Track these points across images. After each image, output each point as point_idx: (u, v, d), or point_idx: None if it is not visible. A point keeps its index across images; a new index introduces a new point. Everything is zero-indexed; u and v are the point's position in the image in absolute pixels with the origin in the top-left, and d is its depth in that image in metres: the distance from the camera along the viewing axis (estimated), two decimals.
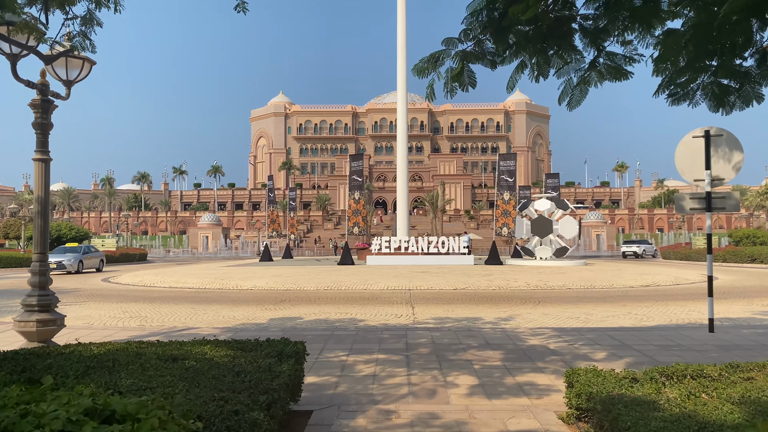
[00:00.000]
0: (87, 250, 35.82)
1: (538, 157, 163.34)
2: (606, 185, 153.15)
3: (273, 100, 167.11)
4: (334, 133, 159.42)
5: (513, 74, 7.26)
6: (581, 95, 7.28)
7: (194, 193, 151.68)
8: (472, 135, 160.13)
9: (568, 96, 7.32)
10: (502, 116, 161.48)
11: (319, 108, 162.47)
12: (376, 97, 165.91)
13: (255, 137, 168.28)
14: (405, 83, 38.40)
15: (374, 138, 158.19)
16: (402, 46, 38.44)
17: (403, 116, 35.75)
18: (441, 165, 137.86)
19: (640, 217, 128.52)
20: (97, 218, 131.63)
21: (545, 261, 32.13)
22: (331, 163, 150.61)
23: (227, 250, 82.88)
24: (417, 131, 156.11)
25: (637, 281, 21.74)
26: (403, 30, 38.40)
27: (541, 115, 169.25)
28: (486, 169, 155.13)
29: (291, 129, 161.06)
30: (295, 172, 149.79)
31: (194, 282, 21.29)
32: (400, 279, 21.39)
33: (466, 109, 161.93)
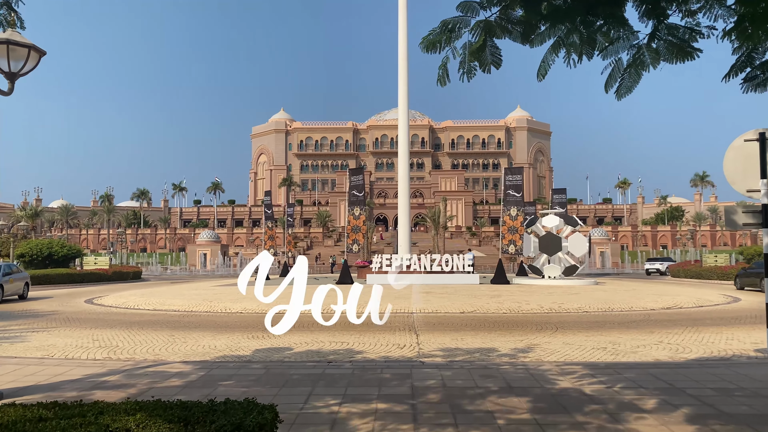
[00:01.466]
0: (8, 270, 26.54)
1: (539, 174, 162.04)
2: (608, 202, 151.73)
3: (274, 117, 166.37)
4: (335, 149, 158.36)
5: (546, 55, 5.73)
6: (632, 81, 5.77)
7: (194, 210, 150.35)
8: (473, 151, 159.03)
9: (617, 81, 5.82)
10: (503, 133, 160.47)
11: (320, 125, 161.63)
12: (377, 114, 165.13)
13: (256, 154, 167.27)
14: (406, 99, 37.13)
15: (375, 154, 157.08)
16: (403, 62, 37.24)
17: (405, 130, 34.39)
18: (442, 181, 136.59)
19: (644, 234, 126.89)
20: (96, 235, 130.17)
21: (554, 280, 30.54)
22: (332, 180, 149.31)
23: (225, 268, 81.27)
24: (418, 147, 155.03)
25: (658, 303, 20.16)
26: (404, 46, 37.23)
27: (542, 131, 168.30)
28: (487, 186, 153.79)
29: (292, 146, 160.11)
30: (295, 189, 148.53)
31: (181, 304, 19.73)
32: (402, 300, 19.80)
33: (468, 125, 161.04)
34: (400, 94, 37.09)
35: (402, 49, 37.30)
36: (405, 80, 37.09)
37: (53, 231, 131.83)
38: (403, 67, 37.17)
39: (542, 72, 5.90)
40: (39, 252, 45.39)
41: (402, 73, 37.37)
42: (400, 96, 37.16)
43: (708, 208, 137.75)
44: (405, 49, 37.47)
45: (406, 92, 37.05)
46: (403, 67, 37.16)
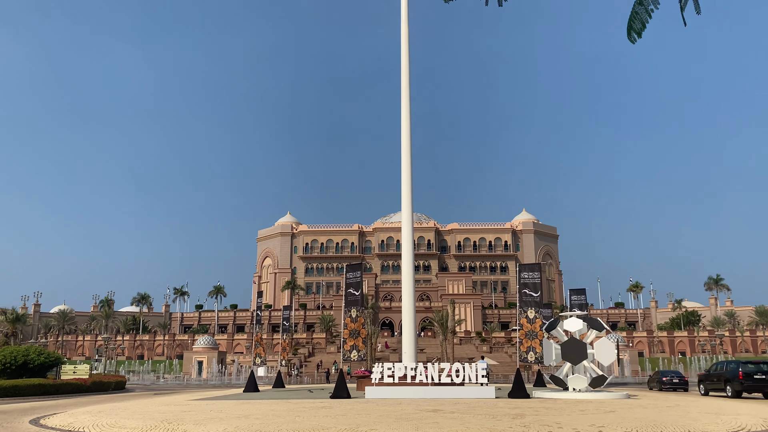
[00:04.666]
0: None
1: (548, 278, 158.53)
2: (620, 306, 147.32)
3: (280, 221, 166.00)
4: (341, 252, 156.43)
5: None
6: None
7: (195, 315, 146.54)
8: (480, 254, 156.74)
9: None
10: (509, 235, 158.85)
11: (326, 227, 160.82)
12: (383, 217, 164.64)
13: (260, 257, 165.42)
14: (410, 197, 34.99)
15: (381, 257, 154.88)
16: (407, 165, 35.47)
17: (409, 223, 31.79)
18: (449, 284, 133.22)
19: (660, 340, 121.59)
20: (93, 341, 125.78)
21: (580, 393, 26.69)
22: (336, 283, 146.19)
23: (220, 377, 76.50)
24: (424, 250, 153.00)
25: (719, 425, 16.52)
26: (407, 149, 35.68)
27: (549, 234, 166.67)
28: (496, 289, 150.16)
29: (297, 248, 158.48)
30: (299, 293, 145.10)
31: (133, 425, 16.25)
32: (404, 424, 16.17)
33: (473, 228, 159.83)
34: (404, 192, 35.02)
35: (405, 153, 35.71)
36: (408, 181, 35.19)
37: (49, 337, 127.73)
38: (406, 170, 35.40)
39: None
40: (13, 360, 41.72)
41: (405, 174, 35.55)
42: (404, 194, 35.09)
43: (725, 313, 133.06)
44: (408, 152, 35.91)
45: (409, 191, 35.01)
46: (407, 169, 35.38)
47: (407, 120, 35.92)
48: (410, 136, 36.07)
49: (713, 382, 32.42)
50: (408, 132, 35.88)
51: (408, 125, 35.90)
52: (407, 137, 35.88)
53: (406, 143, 35.77)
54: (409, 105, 36.43)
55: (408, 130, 35.88)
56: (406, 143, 35.77)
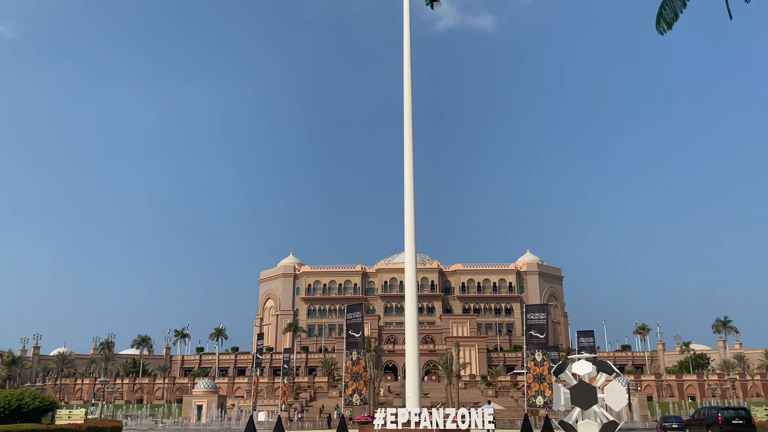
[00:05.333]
0: None
1: (554, 320, 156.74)
2: (627, 349, 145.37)
3: (283, 261, 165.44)
4: (344, 293, 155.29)
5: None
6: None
7: (196, 358, 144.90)
8: (484, 295, 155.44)
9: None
10: (514, 277, 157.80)
11: (329, 268, 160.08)
12: (386, 257, 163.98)
13: (263, 299, 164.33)
14: (413, 237, 34.60)
15: (384, 298, 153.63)
16: (410, 205, 35.22)
17: (412, 262, 31.27)
18: (453, 327, 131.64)
19: (669, 384, 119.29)
20: (92, 385, 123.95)
21: None
22: (339, 325, 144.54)
23: (220, 421, 74.78)
24: (427, 291, 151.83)
25: None
26: (410, 190, 35.47)
27: (553, 276, 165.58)
28: (501, 332, 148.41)
29: (300, 290, 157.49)
30: (301, 335, 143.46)
31: None
32: None
33: (477, 269, 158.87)
34: (407, 232, 34.64)
35: (408, 193, 35.49)
36: (412, 221, 34.86)
37: (48, 380, 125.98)
38: (409, 210, 35.13)
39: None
40: (7, 404, 40.63)
41: (408, 213, 35.26)
42: (407, 234, 34.70)
43: (734, 356, 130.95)
44: (411, 192, 35.69)
45: (413, 231, 34.64)
46: (410, 209, 35.11)
47: (410, 160, 35.79)
48: (413, 176, 35.89)
49: (697, 427, 33.09)
50: (411, 172, 35.71)
51: (411, 165, 35.75)
52: (410, 178, 35.70)
53: (409, 183, 35.58)
54: (412, 145, 36.35)
55: (411, 170, 35.72)
56: (409, 183, 35.58)
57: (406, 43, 39.11)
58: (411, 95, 37.68)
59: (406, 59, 39.73)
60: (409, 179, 35.50)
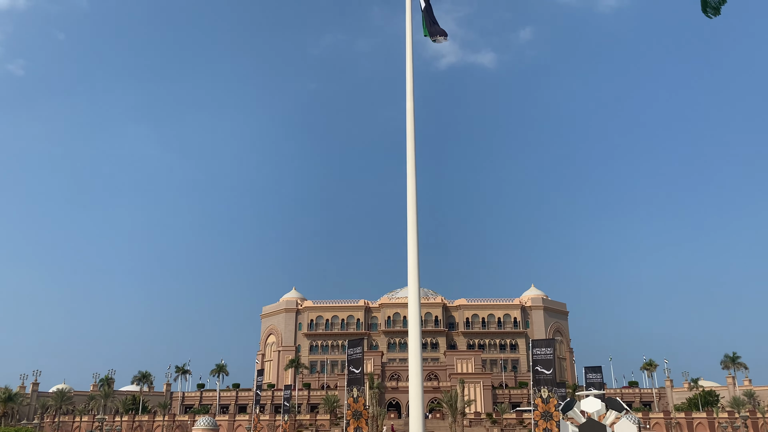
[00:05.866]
0: None
1: (559, 355, 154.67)
2: (634, 385, 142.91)
3: (285, 296, 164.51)
4: (346, 328, 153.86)
5: None
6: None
7: (197, 395, 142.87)
8: (488, 331, 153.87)
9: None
10: (518, 312, 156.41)
11: (332, 303, 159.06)
12: (389, 292, 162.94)
13: (264, 334, 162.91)
14: (417, 272, 34.28)
15: (387, 334, 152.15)
16: (413, 239, 35.01)
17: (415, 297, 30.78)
18: (458, 363, 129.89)
19: (678, 422, 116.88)
20: (90, 422, 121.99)
21: None
22: (342, 361, 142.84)
23: None
24: (431, 326, 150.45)
25: None
26: (413, 224, 35.28)
27: (559, 311, 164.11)
28: (506, 368, 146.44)
29: (302, 325, 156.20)
30: (303, 371, 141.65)
31: None
32: None
33: (482, 304, 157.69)
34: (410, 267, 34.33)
35: (411, 227, 35.33)
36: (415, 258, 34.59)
37: (46, 417, 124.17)
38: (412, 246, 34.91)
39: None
40: None
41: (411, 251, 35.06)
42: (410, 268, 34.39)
43: (744, 393, 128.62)
44: (414, 226, 35.55)
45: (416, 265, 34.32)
46: (413, 244, 34.89)
47: (413, 194, 35.59)
48: (416, 210, 35.62)
49: None
50: (414, 206, 35.48)
51: (413, 200, 35.53)
52: (413, 212, 35.43)
53: (412, 218, 35.29)
54: (415, 179, 36.15)
55: (414, 204, 35.49)
56: (412, 218, 35.29)
57: (409, 79, 39.35)
58: (413, 130, 37.73)
59: (409, 95, 39.96)
60: (412, 213, 35.31)
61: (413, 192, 35.71)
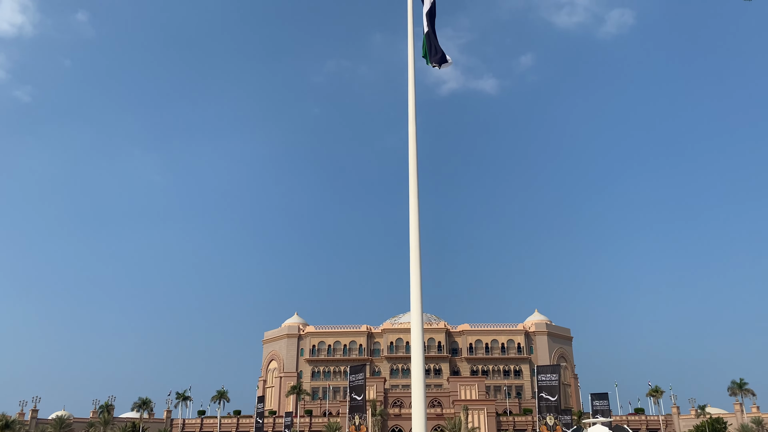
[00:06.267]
0: None
1: (564, 382, 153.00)
2: (640, 412, 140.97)
3: (287, 322, 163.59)
4: (348, 354, 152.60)
5: None
6: None
7: (198, 422, 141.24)
8: (492, 357, 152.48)
9: None
10: (522, 337, 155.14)
11: (334, 328, 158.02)
12: (391, 317, 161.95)
13: (266, 360, 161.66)
14: (419, 297, 34.12)
15: (390, 360, 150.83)
16: (416, 264, 34.91)
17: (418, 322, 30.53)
18: (462, 389, 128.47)
19: None
20: None
21: None
22: (344, 388, 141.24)
23: None
24: (434, 352, 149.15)
25: None
26: (416, 249, 35.22)
27: (563, 336, 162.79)
28: (510, 394, 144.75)
29: (304, 351, 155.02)
30: (305, 398, 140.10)
31: None
32: None
33: (486, 329, 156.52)
34: (413, 292, 34.17)
35: (414, 252, 35.28)
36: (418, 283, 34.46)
37: None
38: (415, 270, 34.82)
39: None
40: None
41: (414, 275, 34.94)
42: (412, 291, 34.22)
43: (752, 420, 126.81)
44: (417, 251, 35.51)
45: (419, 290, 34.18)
46: (416, 269, 34.80)
47: (415, 219, 35.51)
48: (419, 235, 35.50)
49: None
50: (416, 231, 35.35)
51: (416, 224, 35.43)
52: (416, 236, 35.30)
53: (415, 242, 35.17)
54: (418, 205, 36.16)
55: (416, 229, 35.37)
56: (415, 242, 35.17)
57: (411, 105, 39.65)
58: (416, 155, 37.89)
59: (411, 121, 40.20)
60: (415, 238, 35.23)
61: (416, 217, 35.67)
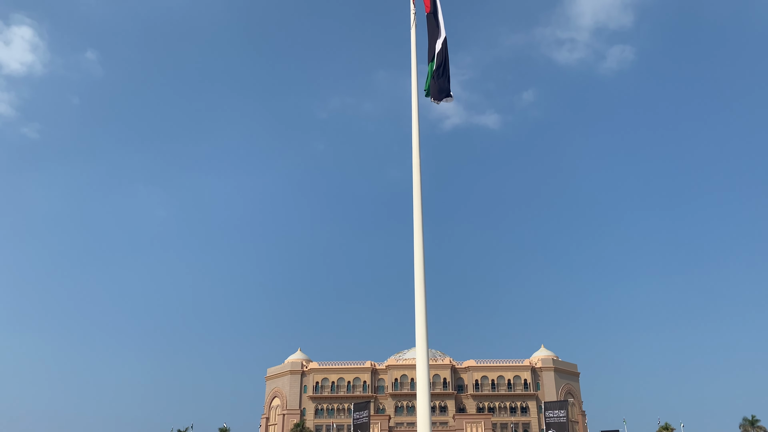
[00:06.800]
0: None
1: (571, 418, 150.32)
2: None
3: (290, 358, 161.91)
4: (352, 391, 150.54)
5: None
6: None
7: None
8: (498, 393, 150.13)
9: None
10: (529, 373, 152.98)
11: (337, 365, 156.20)
12: (396, 353, 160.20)
13: (269, 397, 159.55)
14: (425, 333, 33.79)
15: (394, 397, 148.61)
16: (420, 300, 34.70)
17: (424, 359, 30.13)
18: (468, 427, 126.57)
19: None
20: None
21: None
22: (348, 425, 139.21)
23: None
24: (440, 389, 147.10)
25: None
26: (421, 284, 35.04)
27: (570, 372, 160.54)
28: None
29: (307, 388, 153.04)
30: None
31: None
32: None
33: (491, 365, 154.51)
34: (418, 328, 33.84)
35: (419, 287, 35.10)
36: (423, 318, 34.19)
37: None
38: (420, 306, 34.60)
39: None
40: None
41: (419, 311, 34.70)
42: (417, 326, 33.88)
43: None
44: (422, 286, 35.34)
45: (424, 326, 33.85)
46: (421, 305, 34.58)
47: (420, 254, 35.31)
48: (423, 270, 35.24)
49: None
50: (421, 266, 35.11)
51: (421, 259, 35.22)
52: (420, 272, 35.07)
53: (420, 277, 34.91)
54: (422, 240, 36.05)
55: (421, 264, 35.15)
56: (420, 277, 34.91)
57: (415, 140, 39.91)
58: (420, 190, 37.96)
59: (415, 156, 40.40)
60: (420, 273, 35.01)
61: (420, 251, 35.47)
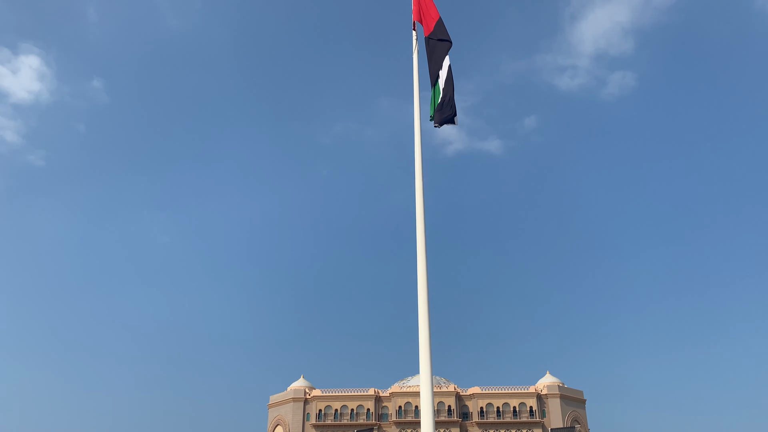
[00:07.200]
0: None
1: None
2: None
3: (293, 385, 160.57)
4: (356, 419, 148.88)
5: None
6: None
7: None
8: (504, 421, 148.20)
9: None
10: (534, 400, 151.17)
11: (340, 392, 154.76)
12: (400, 381, 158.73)
13: (271, 425, 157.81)
14: (429, 360, 33.47)
15: (398, 424, 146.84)
16: (424, 326, 34.50)
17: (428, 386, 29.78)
18: None
19: None
20: None
21: None
22: None
23: None
24: (444, 416, 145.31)
25: None
26: (425, 310, 34.87)
27: (576, 399, 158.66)
28: None
29: (310, 416, 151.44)
30: None
31: None
32: None
33: (497, 392, 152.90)
34: (422, 354, 33.54)
35: (423, 314, 34.90)
36: (427, 345, 33.91)
37: None
38: (424, 332, 34.36)
39: None
40: None
41: (423, 338, 34.44)
42: (421, 353, 33.58)
43: None
44: (426, 313, 35.15)
45: (428, 352, 33.55)
46: (425, 331, 34.34)
47: (423, 280, 35.22)
48: (427, 296, 35.07)
49: None
50: (425, 292, 34.96)
51: (425, 285, 35.07)
52: (424, 298, 34.89)
53: (423, 304, 34.74)
54: (426, 265, 35.95)
55: (425, 290, 34.97)
56: (423, 304, 34.74)
57: (418, 166, 40.00)
58: (423, 216, 37.92)
59: (418, 182, 40.47)
60: (423, 299, 34.84)
61: (424, 277, 35.35)
